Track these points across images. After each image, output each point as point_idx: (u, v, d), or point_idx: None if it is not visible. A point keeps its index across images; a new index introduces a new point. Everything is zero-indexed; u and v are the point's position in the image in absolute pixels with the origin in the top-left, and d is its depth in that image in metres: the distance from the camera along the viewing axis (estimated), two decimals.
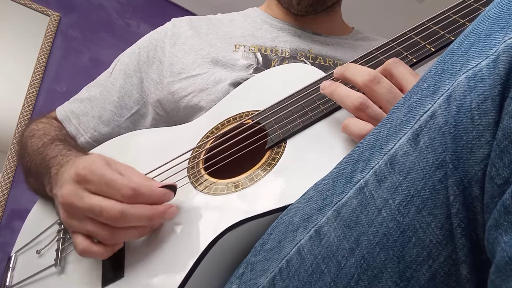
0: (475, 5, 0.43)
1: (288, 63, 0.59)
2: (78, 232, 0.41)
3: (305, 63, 0.59)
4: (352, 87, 0.42)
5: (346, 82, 0.43)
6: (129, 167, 0.41)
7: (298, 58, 0.60)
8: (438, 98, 0.25)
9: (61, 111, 0.66)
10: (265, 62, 0.59)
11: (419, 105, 0.27)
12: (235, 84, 0.55)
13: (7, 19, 1.57)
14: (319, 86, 0.46)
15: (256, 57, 0.59)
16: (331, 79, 0.46)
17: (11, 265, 0.52)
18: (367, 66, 0.45)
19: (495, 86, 0.22)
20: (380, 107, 0.40)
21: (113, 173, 0.39)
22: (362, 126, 0.38)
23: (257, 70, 0.57)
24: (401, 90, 0.39)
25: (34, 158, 0.54)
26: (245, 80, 0.55)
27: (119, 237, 0.39)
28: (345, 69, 0.42)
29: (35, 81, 1.55)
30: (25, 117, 1.49)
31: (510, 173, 0.20)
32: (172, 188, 0.40)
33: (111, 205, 0.37)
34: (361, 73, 0.40)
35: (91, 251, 0.39)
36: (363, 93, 0.41)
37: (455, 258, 0.24)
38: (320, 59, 0.61)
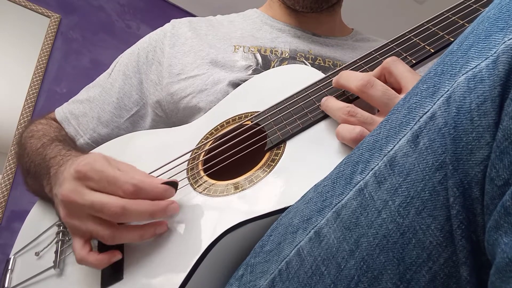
0: (475, 6, 0.43)
1: (287, 63, 0.59)
2: (78, 234, 0.41)
3: (305, 64, 0.59)
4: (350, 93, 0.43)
5: (343, 89, 0.43)
6: (130, 165, 0.41)
7: (297, 59, 0.60)
8: (438, 99, 0.25)
9: (60, 112, 0.66)
10: (265, 63, 0.59)
11: (418, 106, 0.27)
12: (234, 85, 0.55)
13: (7, 20, 1.58)
14: (318, 88, 0.46)
15: (255, 58, 0.59)
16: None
17: (9, 267, 0.52)
18: (366, 67, 0.45)
19: (495, 87, 0.22)
20: (378, 110, 0.40)
21: (114, 170, 0.39)
22: (350, 129, 0.38)
23: (256, 71, 0.57)
24: (400, 88, 0.39)
25: (34, 158, 0.54)
26: (244, 81, 0.55)
27: (120, 238, 0.39)
28: (339, 76, 0.43)
29: (36, 82, 1.55)
30: (25, 119, 1.49)
31: (510, 174, 0.20)
32: (174, 184, 0.40)
33: (113, 201, 0.37)
34: (354, 78, 0.40)
35: (88, 261, 0.39)
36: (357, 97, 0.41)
37: (455, 260, 0.23)
38: (319, 60, 0.61)
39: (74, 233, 0.41)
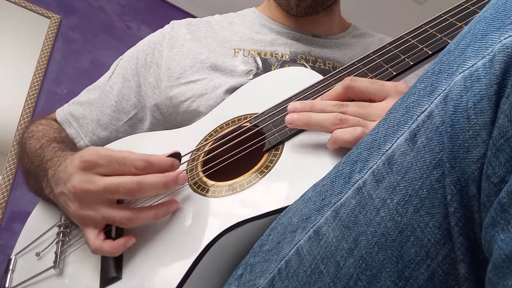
0: (472, 8, 0.44)
1: (288, 66, 0.59)
2: (92, 225, 0.41)
3: (305, 66, 0.59)
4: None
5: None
6: (128, 150, 0.42)
7: (298, 61, 0.60)
8: (435, 98, 0.25)
9: (60, 114, 0.66)
10: (265, 66, 0.59)
11: (416, 105, 0.27)
12: (234, 90, 0.56)
13: (7, 21, 1.58)
14: (316, 89, 0.47)
15: (255, 61, 0.59)
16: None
17: (10, 268, 0.52)
18: (365, 69, 0.46)
19: (491, 85, 0.22)
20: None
21: (120, 152, 0.41)
22: (351, 131, 0.38)
23: (256, 76, 0.57)
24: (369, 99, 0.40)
25: (33, 160, 0.54)
26: None
27: (136, 219, 0.40)
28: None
29: (36, 83, 1.55)
30: (26, 119, 1.49)
31: (506, 172, 0.21)
32: (177, 155, 0.42)
33: (127, 179, 0.39)
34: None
35: (103, 249, 0.40)
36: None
37: (453, 257, 0.24)
38: (320, 62, 0.61)
39: (87, 224, 0.41)
